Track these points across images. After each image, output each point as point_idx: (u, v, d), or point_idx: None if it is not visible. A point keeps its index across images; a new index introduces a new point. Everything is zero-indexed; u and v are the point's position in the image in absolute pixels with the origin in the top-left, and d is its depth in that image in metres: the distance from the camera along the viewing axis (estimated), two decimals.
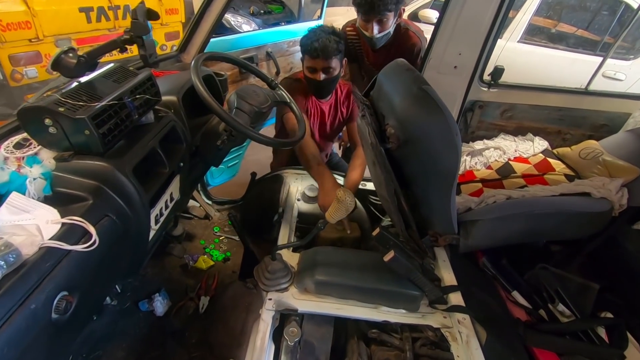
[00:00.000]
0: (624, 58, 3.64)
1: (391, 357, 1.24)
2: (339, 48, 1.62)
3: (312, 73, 1.66)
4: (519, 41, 4.03)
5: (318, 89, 1.73)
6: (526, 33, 4.00)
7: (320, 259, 1.34)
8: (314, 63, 1.63)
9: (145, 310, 1.55)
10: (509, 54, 3.93)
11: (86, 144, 0.86)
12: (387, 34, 1.87)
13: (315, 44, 1.57)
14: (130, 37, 0.90)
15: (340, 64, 1.69)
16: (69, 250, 0.72)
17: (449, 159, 1.18)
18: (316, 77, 1.66)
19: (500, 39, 4.09)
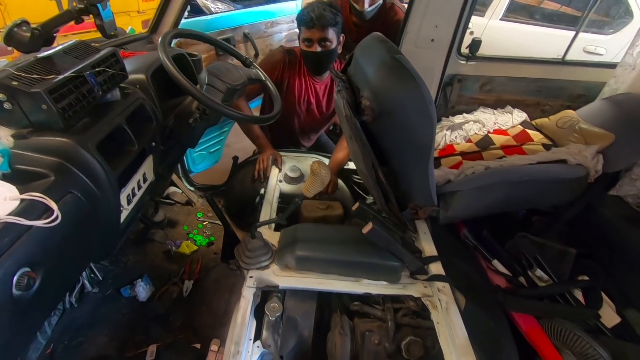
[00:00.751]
0: (604, 33, 3.66)
1: (373, 328, 1.25)
2: (336, 20, 1.60)
3: (308, 45, 1.63)
4: (501, 19, 4.03)
5: (314, 62, 1.68)
6: (508, 10, 4.00)
7: (300, 235, 1.34)
8: (310, 34, 1.60)
9: (127, 296, 1.53)
10: (491, 32, 3.93)
11: (45, 119, 0.83)
12: (377, 6, 1.87)
13: (311, 14, 1.56)
14: (85, 5, 0.86)
15: (337, 38, 1.66)
16: (29, 226, 0.70)
17: (424, 128, 1.17)
18: (312, 49, 1.62)
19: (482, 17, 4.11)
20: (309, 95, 1.81)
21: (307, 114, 1.90)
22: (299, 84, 1.78)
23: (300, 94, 1.80)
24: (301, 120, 1.95)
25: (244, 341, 1.09)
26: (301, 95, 1.81)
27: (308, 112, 1.89)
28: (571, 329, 1.21)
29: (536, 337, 1.26)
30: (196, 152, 2.30)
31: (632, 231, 1.47)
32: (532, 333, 1.28)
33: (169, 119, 1.33)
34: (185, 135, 1.36)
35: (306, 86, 1.79)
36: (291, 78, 1.76)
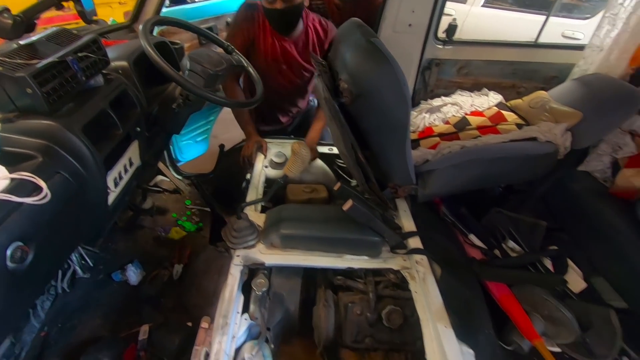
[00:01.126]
0: (581, 17, 3.75)
1: (355, 300, 1.32)
2: None
3: (271, 2, 1.51)
4: (483, 5, 4.09)
5: (279, 21, 1.56)
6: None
7: (284, 214, 1.39)
8: None
9: (118, 280, 1.57)
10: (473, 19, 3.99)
11: (30, 103, 0.86)
12: None
13: None
14: None
15: None
16: (19, 203, 0.74)
17: (400, 109, 1.23)
18: (275, 5, 1.51)
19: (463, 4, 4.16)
20: (276, 55, 1.68)
21: (280, 76, 1.77)
22: (264, 43, 1.65)
23: (267, 54, 1.67)
24: (275, 85, 1.82)
25: (232, 314, 1.15)
26: (268, 55, 1.68)
27: (281, 74, 1.76)
28: (539, 293, 1.30)
29: (508, 303, 1.35)
30: (183, 142, 2.32)
31: (598, 204, 1.56)
32: (504, 299, 1.36)
33: (153, 106, 1.36)
34: (170, 122, 1.39)
35: (273, 45, 1.66)
36: (255, 37, 1.64)
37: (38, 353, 1.29)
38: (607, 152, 1.61)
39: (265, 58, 1.68)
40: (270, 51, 1.67)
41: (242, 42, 1.65)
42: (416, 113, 1.88)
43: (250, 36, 1.64)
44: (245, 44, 1.66)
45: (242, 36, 1.64)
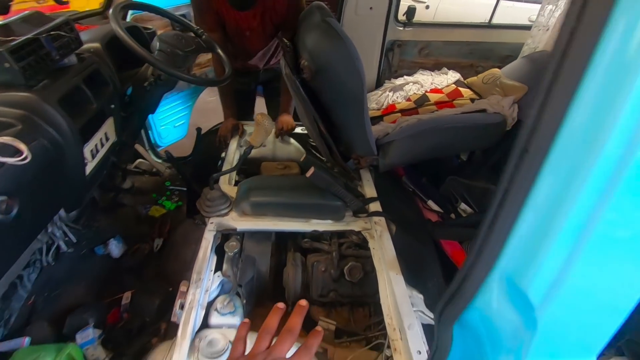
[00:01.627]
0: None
1: (321, 260, 1.45)
2: None
3: None
4: None
5: None
6: None
7: (254, 184, 1.51)
8: None
9: (101, 254, 1.67)
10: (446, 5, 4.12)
11: (8, 78, 0.95)
12: None
13: None
14: None
15: None
16: (2, 162, 0.84)
17: (354, 81, 1.35)
18: None
19: None
20: (239, 24, 1.73)
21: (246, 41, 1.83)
22: (227, 16, 1.70)
23: (231, 25, 1.73)
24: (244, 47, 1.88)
25: (205, 271, 1.26)
26: (232, 26, 1.74)
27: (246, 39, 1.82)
28: None
29: (459, 257, 1.50)
30: (162, 127, 2.41)
31: None
32: (455, 255, 1.51)
33: (127, 87, 1.45)
34: (144, 101, 1.48)
35: (235, 17, 1.71)
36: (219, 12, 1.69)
37: (26, 318, 1.39)
38: None
39: (231, 28, 1.75)
40: (234, 22, 1.73)
41: (213, 19, 1.70)
42: (380, 92, 2.01)
43: (216, 11, 1.69)
44: (218, 20, 1.71)
45: (211, 15, 1.69)
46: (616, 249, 0.43)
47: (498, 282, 0.53)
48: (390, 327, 1.15)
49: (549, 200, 0.43)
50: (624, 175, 0.38)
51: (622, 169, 0.38)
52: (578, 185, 0.40)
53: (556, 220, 0.43)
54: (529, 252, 0.47)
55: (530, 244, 0.47)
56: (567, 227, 0.43)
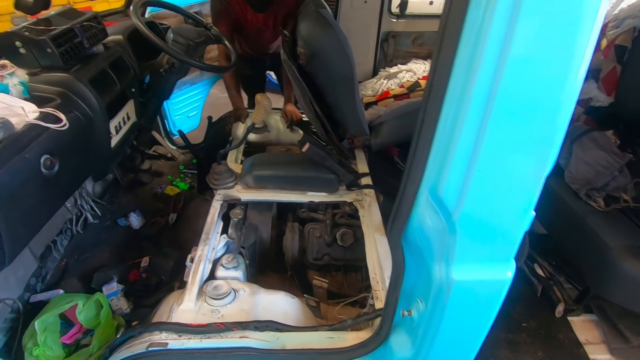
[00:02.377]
0: None
1: (316, 227, 1.61)
2: None
3: None
4: None
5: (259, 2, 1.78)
6: None
7: (257, 160, 1.68)
8: None
9: (123, 225, 1.87)
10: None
11: (50, 62, 1.15)
12: None
13: None
14: None
15: None
16: (47, 127, 1.03)
17: (344, 65, 1.51)
18: None
19: None
20: (259, 25, 1.90)
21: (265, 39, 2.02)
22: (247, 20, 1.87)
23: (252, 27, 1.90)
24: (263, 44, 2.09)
25: (213, 233, 1.44)
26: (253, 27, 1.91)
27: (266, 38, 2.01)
28: None
29: None
30: (176, 117, 2.62)
31: None
32: None
33: (145, 75, 1.65)
34: (160, 87, 1.68)
35: (254, 19, 1.87)
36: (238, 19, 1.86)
37: (60, 276, 1.60)
38: None
39: (251, 29, 1.94)
40: (254, 25, 1.92)
41: (227, 28, 1.89)
42: (376, 80, 2.16)
43: (233, 20, 1.88)
44: (231, 28, 1.90)
45: (226, 24, 1.89)
46: (500, 154, 0.58)
47: (425, 197, 0.68)
48: (374, 281, 1.31)
49: (450, 123, 0.59)
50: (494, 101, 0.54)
51: (491, 98, 0.54)
52: (464, 109, 0.55)
53: (454, 137, 0.59)
54: (441, 165, 0.62)
55: (441, 159, 0.62)
56: (462, 141, 0.59)
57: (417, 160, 0.65)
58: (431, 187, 0.66)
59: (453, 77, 0.57)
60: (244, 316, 1.16)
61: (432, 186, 0.66)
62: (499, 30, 0.49)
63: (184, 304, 1.18)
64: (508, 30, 0.49)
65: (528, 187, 0.62)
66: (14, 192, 0.91)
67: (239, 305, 1.20)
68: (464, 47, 0.55)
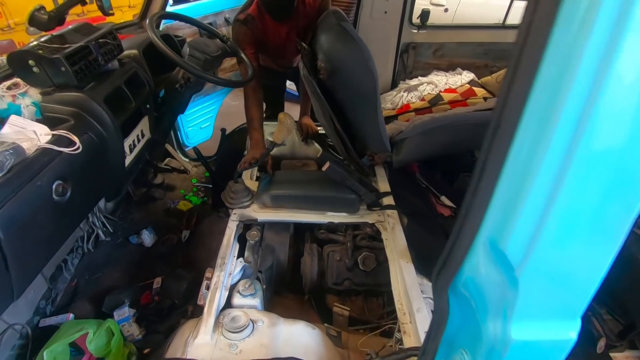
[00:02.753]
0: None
1: (336, 250, 1.53)
2: None
3: None
4: None
5: (277, 8, 1.69)
6: None
7: (275, 179, 1.62)
8: None
9: (135, 243, 1.82)
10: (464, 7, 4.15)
11: (64, 80, 1.10)
12: None
13: None
14: None
15: None
16: (60, 151, 0.98)
17: (367, 81, 1.44)
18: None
19: None
20: (282, 40, 1.82)
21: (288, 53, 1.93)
22: (268, 37, 1.79)
23: (274, 43, 1.82)
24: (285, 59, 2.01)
25: (229, 257, 1.37)
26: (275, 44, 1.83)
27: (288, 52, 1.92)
28: None
29: None
30: (189, 128, 2.57)
31: None
32: None
33: (160, 89, 1.60)
34: (175, 102, 1.62)
35: (276, 34, 1.79)
36: (261, 38, 1.78)
37: (70, 297, 1.54)
38: None
39: (274, 46, 1.85)
40: (276, 40, 1.82)
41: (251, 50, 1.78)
42: (395, 92, 2.08)
43: (256, 41, 1.78)
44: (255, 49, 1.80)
45: (250, 47, 1.77)
46: (580, 210, 0.50)
47: (483, 246, 0.60)
48: (401, 312, 1.22)
49: (519, 167, 0.50)
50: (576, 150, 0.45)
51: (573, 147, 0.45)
52: (540, 154, 0.47)
53: (526, 184, 0.50)
54: (507, 214, 0.54)
55: (507, 207, 0.54)
56: (537, 186, 0.50)
57: (476, 205, 0.57)
58: (491, 237, 0.58)
59: (529, 108, 0.48)
60: (264, 352, 1.08)
61: (492, 236, 0.58)
62: (597, 49, 0.40)
63: (200, 337, 1.11)
64: (609, 48, 0.40)
65: (614, 234, 0.54)
66: (24, 223, 0.85)
67: (258, 339, 1.13)
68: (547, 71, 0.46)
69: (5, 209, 0.80)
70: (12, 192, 0.83)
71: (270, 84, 2.10)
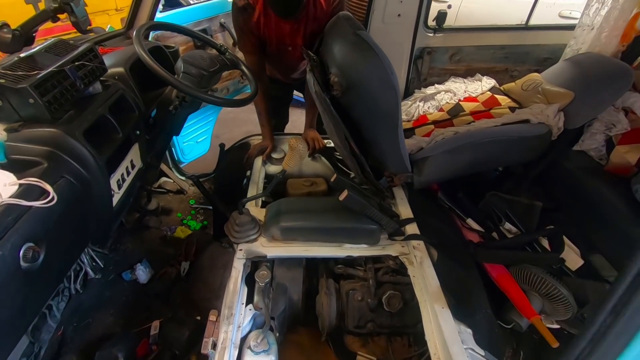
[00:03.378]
0: None
1: (356, 287, 1.36)
2: None
3: None
4: None
5: (283, 6, 1.50)
6: None
7: (283, 207, 1.43)
8: None
9: (128, 279, 1.63)
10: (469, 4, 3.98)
11: (33, 113, 0.91)
12: None
13: None
14: (60, 4, 0.93)
15: None
16: (28, 206, 0.79)
17: (389, 97, 1.26)
18: None
19: None
20: (283, 38, 1.63)
21: (289, 55, 1.72)
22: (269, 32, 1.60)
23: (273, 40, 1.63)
24: (285, 62, 1.81)
25: (237, 305, 1.19)
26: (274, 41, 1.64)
27: (288, 54, 1.72)
28: (536, 272, 1.33)
29: (505, 282, 1.38)
30: (184, 143, 2.38)
31: (594, 182, 1.57)
32: (501, 279, 1.39)
33: (152, 109, 1.41)
34: (168, 123, 1.44)
35: (278, 31, 1.60)
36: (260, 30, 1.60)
37: (56, 351, 1.36)
38: (601, 130, 1.62)
39: (273, 44, 1.65)
40: (277, 37, 1.62)
41: (253, 42, 1.62)
42: (410, 102, 1.91)
43: (257, 33, 1.60)
44: (258, 43, 1.63)
45: (251, 40, 1.62)
46: None
47: None
48: None
49: None
50: None
51: None
52: None
53: None
54: None
55: None
56: None
57: None
58: None
59: None
60: None
61: None
62: None
63: None
64: None
65: None
66: None
67: None
68: None
69: None
70: None
71: (274, 95, 1.92)
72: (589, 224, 1.56)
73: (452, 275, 1.32)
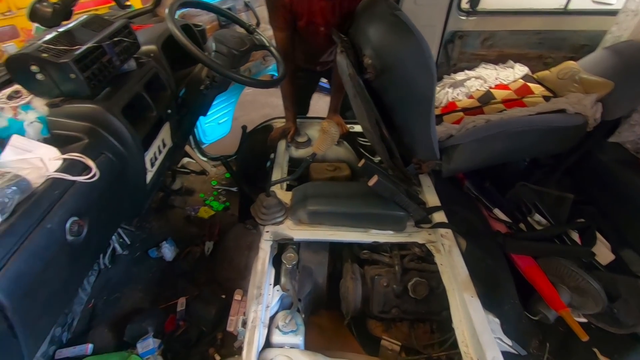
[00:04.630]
0: None
1: (382, 273, 1.36)
2: None
3: None
4: None
5: None
6: None
7: (311, 192, 1.43)
8: None
9: (155, 257, 1.67)
10: None
11: (74, 88, 0.91)
12: None
13: None
14: None
15: None
16: (73, 181, 0.80)
17: (424, 81, 1.23)
18: None
19: None
20: (315, 17, 1.58)
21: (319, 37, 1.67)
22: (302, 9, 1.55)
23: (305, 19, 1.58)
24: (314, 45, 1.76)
25: (265, 285, 1.21)
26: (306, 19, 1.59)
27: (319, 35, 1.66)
28: (566, 264, 1.31)
29: (534, 274, 1.36)
30: (206, 124, 2.37)
31: (630, 175, 1.52)
32: (529, 271, 1.37)
33: (180, 88, 1.40)
34: (197, 103, 1.43)
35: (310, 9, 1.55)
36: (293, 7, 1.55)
37: (87, 322, 1.40)
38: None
39: (304, 23, 1.60)
40: (309, 15, 1.57)
41: (284, 18, 1.57)
42: (439, 88, 1.86)
43: (289, 10, 1.55)
44: (289, 19, 1.58)
45: (283, 15, 1.56)
46: None
47: None
48: (467, 357, 1.05)
49: None
50: None
51: None
52: None
53: None
54: None
55: None
56: None
57: None
58: None
59: None
60: None
61: None
62: None
63: None
64: None
65: None
66: (33, 279, 0.68)
67: None
68: None
69: (9, 267, 0.63)
70: (17, 243, 0.66)
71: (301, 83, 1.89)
72: (622, 218, 1.52)
73: (481, 265, 1.31)
